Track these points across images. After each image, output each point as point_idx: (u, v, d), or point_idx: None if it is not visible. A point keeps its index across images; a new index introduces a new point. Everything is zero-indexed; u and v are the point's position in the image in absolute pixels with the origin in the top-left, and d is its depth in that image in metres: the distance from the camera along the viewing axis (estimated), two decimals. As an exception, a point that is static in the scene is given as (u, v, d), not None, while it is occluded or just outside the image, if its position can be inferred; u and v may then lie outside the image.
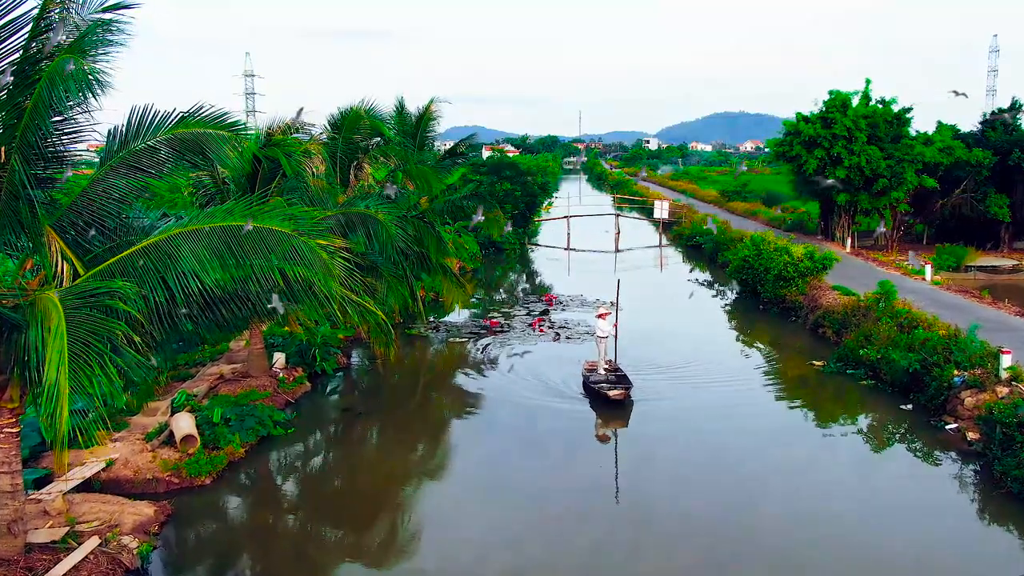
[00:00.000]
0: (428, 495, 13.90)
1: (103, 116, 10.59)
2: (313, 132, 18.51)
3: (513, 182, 45.53)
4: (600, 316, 19.38)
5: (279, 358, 19.27)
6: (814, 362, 20.77)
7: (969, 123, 40.08)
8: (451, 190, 34.62)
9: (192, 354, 20.17)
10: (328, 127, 23.96)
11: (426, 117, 30.29)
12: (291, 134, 17.83)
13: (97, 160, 11.26)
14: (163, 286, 9.94)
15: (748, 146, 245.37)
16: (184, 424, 14.59)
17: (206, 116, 11.07)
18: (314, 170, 18.07)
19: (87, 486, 13.11)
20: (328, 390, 19.60)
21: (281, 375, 18.73)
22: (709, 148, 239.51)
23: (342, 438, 16.89)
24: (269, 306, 10.47)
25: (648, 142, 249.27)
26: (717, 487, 13.55)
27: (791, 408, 18.14)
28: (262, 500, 13.79)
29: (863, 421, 17.41)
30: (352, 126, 23.94)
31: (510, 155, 57.56)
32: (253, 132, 11.43)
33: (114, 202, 10.70)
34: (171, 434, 14.66)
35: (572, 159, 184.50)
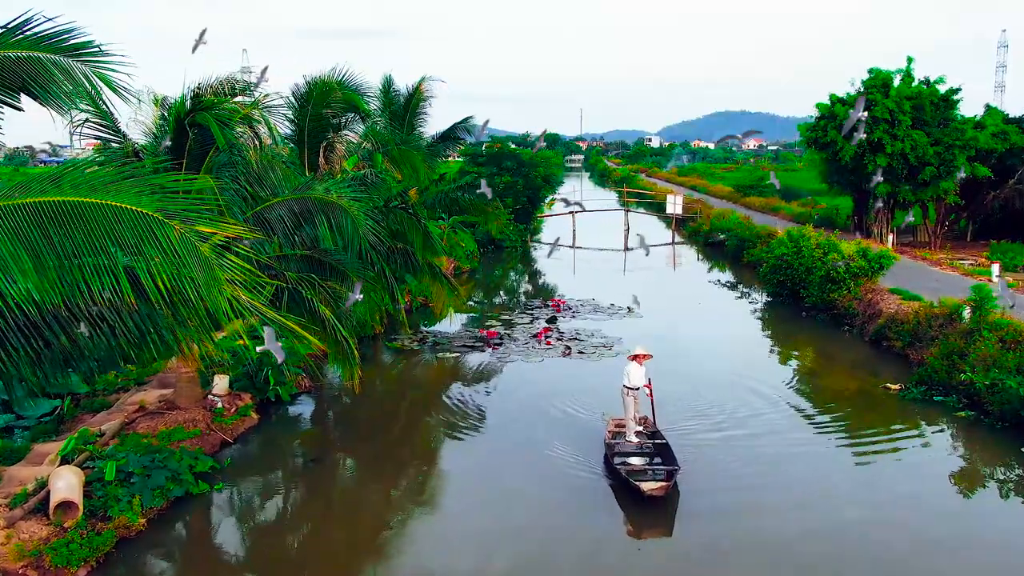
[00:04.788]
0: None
1: None
2: (257, 93, 14.40)
3: (514, 174, 41.57)
4: (635, 359, 13.17)
5: (220, 382, 15.25)
6: (888, 385, 16.72)
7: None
8: (445, 182, 30.72)
9: (115, 376, 16.21)
10: (292, 100, 20.04)
11: (416, 98, 26.37)
12: (230, 96, 13.80)
13: None
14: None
15: (751, 144, 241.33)
16: (62, 485, 10.57)
17: (33, 34, 7.06)
18: (255, 142, 14.01)
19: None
20: (281, 423, 15.56)
21: (219, 405, 14.72)
22: (711, 146, 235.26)
23: (288, 494, 12.72)
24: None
25: (650, 140, 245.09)
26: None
27: (874, 455, 13.58)
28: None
29: (973, 469, 13.39)
30: (321, 99, 20.00)
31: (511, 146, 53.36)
32: (107, 58, 7.31)
33: None
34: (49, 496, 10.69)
35: (574, 157, 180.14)
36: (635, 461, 12.37)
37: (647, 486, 11.20)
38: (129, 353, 7.22)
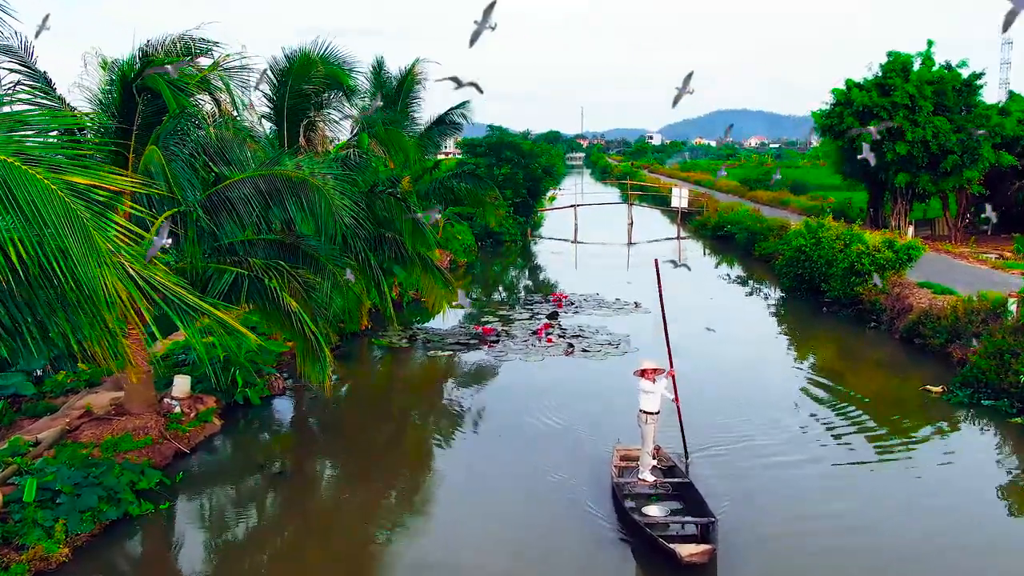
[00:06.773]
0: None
1: None
2: (216, 55, 12.60)
3: (514, 165, 39.83)
4: (644, 375, 10.54)
5: (180, 383, 13.54)
6: (929, 388, 15.00)
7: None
8: (441, 170, 29.03)
9: (64, 376, 14.52)
10: (270, 75, 18.33)
11: (409, 79, 24.65)
12: (183, 56, 12.07)
13: None
14: None
15: (753, 142, 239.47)
16: (-31, 507, 8.92)
17: None
18: (217, 112, 12.30)
19: None
20: (248, 430, 13.85)
21: (177, 409, 13.02)
22: (713, 144, 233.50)
23: (249, 513, 10.91)
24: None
25: (651, 138, 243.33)
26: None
27: (935, 475, 11.67)
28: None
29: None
30: (302, 74, 18.29)
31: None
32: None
33: None
34: (-42, 520, 9.00)
35: (574, 155, 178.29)
36: (657, 512, 9.72)
37: (685, 551, 8.41)
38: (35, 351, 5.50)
